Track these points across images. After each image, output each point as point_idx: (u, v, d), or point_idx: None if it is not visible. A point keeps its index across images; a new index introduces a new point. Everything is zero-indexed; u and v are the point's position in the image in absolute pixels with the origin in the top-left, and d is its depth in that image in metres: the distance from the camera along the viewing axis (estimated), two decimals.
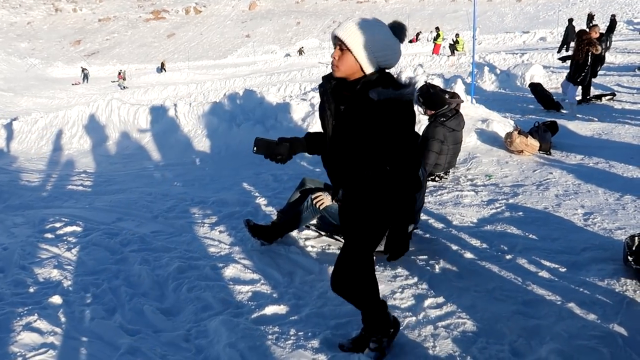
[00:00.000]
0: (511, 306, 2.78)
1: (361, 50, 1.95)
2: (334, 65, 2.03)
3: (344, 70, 2.00)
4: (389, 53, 2.00)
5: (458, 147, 5.30)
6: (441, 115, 5.07)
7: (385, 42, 1.99)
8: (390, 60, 2.02)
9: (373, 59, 1.97)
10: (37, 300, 2.98)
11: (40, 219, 4.58)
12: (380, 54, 1.97)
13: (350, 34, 1.96)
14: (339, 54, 2.00)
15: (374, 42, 1.96)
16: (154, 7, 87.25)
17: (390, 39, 2.00)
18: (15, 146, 10.29)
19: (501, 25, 48.89)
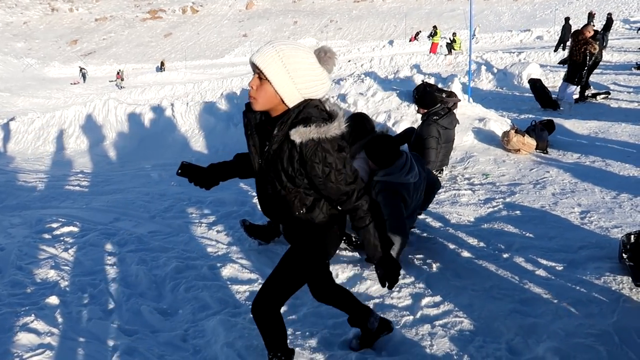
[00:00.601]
0: (508, 305, 2.78)
1: (282, 81, 1.74)
2: (251, 97, 1.81)
3: (263, 103, 1.80)
4: (315, 84, 1.79)
5: (450, 146, 5.31)
6: (434, 114, 5.05)
7: (310, 72, 1.77)
8: (316, 92, 1.81)
9: (296, 91, 1.76)
10: (34, 300, 2.97)
11: (37, 220, 4.57)
12: (304, 86, 1.77)
13: (270, 62, 1.74)
14: (257, 84, 1.78)
15: (297, 71, 1.74)
16: (150, 7, 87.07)
17: (316, 68, 1.79)
18: (12, 146, 10.26)
19: (498, 24, 48.99)
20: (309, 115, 1.76)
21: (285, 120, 1.78)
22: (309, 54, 1.79)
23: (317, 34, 65.12)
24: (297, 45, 1.80)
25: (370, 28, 66.70)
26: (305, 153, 1.74)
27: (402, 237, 3.24)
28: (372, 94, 7.61)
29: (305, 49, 1.80)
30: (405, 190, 3.29)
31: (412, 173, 3.31)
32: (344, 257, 3.54)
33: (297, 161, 1.78)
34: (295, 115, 1.77)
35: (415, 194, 3.43)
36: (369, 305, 2.86)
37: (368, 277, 3.16)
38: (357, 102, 7.42)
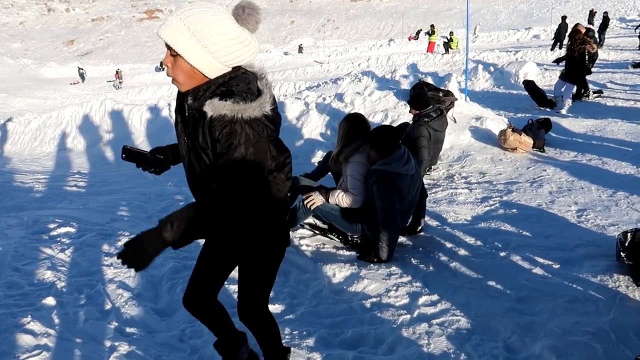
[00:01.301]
0: (505, 303, 2.79)
1: (195, 53, 1.55)
2: (171, 78, 1.64)
3: (184, 82, 1.61)
4: (236, 48, 1.59)
5: (439, 147, 5.31)
6: (425, 116, 5.04)
7: (226, 36, 1.56)
8: (240, 57, 1.61)
9: (214, 60, 1.57)
10: (31, 301, 2.96)
11: (34, 220, 4.56)
12: (222, 53, 1.57)
13: (176, 33, 1.54)
14: (172, 61, 1.60)
15: (209, 38, 1.54)
16: (147, 7, 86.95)
17: (232, 30, 1.57)
18: (9, 147, 10.23)
19: (495, 23, 49.09)
20: (230, 88, 1.57)
21: (204, 90, 1.60)
22: (220, 15, 1.57)
23: (315, 33, 65.14)
24: (205, 7, 1.57)
25: (368, 27, 66.76)
26: (212, 128, 1.55)
27: (392, 232, 3.33)
28: (369, 93, 7.62)
29: (215, 10, 1.57)
30: (402, 181, 3.36)
31: (409, 165, 3.40)
32: (341, 257, 3.54)
33: (205, 135, 1.59)
34: (217, 86, 1.59)
35: (412, 188, 3.47)
36: (365, 304, 2.87)
37: (365, 277, 3.16)
38: (354, 102, 7.42)
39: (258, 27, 1.65)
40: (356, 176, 3.52)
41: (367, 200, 3.51)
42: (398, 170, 3.33)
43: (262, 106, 1.57)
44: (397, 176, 3.33)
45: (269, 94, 1.62)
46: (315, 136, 7.16)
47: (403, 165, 3.36)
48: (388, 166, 3.33)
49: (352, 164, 3.53)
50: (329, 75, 23.44)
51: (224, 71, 1.61)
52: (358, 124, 3.60)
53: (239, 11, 1.59)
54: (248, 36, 1.62)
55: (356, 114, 3.79)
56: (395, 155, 3.36)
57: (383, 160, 3.36)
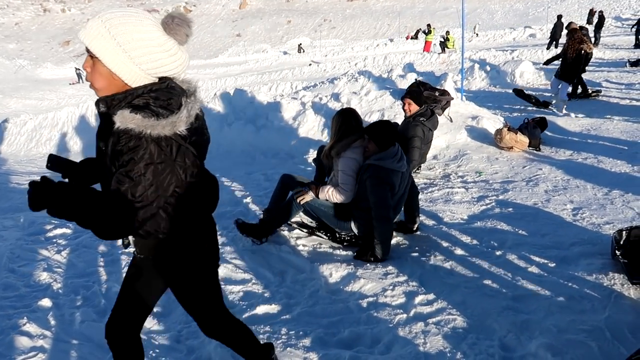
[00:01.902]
0: (501, 302, 2.80)
1: (114, 57, 1.45)
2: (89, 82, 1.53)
3: (102, 87, 1.50)
4: (160, 57, 1.49)
5: (429, 146, 5.30)
6: (421, 115, 5.02)
7: (149, 43, 1.47)
8: (165, 67, 1.52)
9: (135, 67, 1.47)
10: (27, 303, 2.97)
11: (30, 222, 4.55)
12: (143, 60, 1.47)
13: (96, 35, 1.44)
14: (91, 65, 1.50)
15: (130, 43, 1.45)
16: (143, 7, 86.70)
17: (156, 38, 1.48)
18: (4, 148, 10.21)
19: (491, 22, 49.19)
20: (147, 100, 1.46)
21: (119, 98, 1.48)
22: (144, 20, 1.48)
23: (311, 33, 65.12)
24: (130, 12, 1.49)
25: (364, 27, 66.80)
26: (118, 139, 1.43)
27: (387, 226, 3.37)
28: (365, 92, 7.63)
29: (140, 16, 1.49)
30: (395, 177, 3.42)
31: (402, 162, 3.46)
32: (338, 257, 3.54)
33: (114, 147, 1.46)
34: (135, 96, 1.48)
35: (402, 184, 3.53)
36: (362, 304, 2.87)
37: (362, 276, 3.16)
38: (351, 101, 7.42)
39: (187, 40, 1.56)
40: (347, 171, 3.52)
41: (357, 196, 3.53)
42: (392, 166, 3.38)
43: (175, 125, 1.44)
44: (391, 172, 3.38)
45: (186, 112, 1.48)
46: (312, 136, 7.16)
47: (397, 162, 3.41)
48: (382, 162, 3.37)
49: (344, 159, 3.53)
50: (326, 75, 23.44)
51: (147, 80, 1.52)
52: (351, 118, 3.61)
53: (168, 20, 1.53)
54: (174, 46, 1.52)
55: (349, 109, 3.80)
56: (390, 151, 3.42)
57: (378, 155, 3.40)
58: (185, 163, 1.49)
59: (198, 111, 1.57)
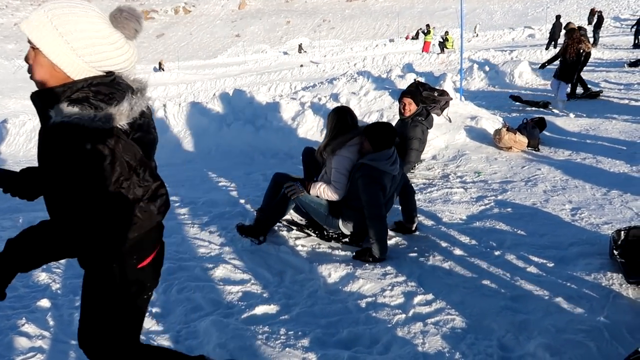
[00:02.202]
0: (500, 302, 2.80)
1: (56, 48, 1.39)
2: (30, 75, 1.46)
3: (41, 79, 1.43)
4: (105, 50, 1.43)
5: (424, 146, 5.33)
6: (419, 115, 5.08)
7: (94, 34, 1.41)
8: (110, 59, 1.45)
9: (78, 59, 1.41)
10: (25, 304, 2.96)
11: (29, 223, 4.53)
12: (87, 52, 1.41)
13: (38, 25, 1.39)
14: (32, 56, 1.43)
15: (73, 34, 1.38)
16: (142, 7, 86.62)
17: (102, 30, 1.42)
18: (3, 149, 10.19)
19: (490, 22, 49.22)
20: (87, 94, 1.39)
21: (59, 91, 1.40)
22: (90, 12, 1.42)
23: (310, 33, 65.14)
24: (75, 2, 1.42)
25: (363, 27, 66.83)
26: (53, 134, 1.36)
27: (381, 224, 3.39)
28: (364, 93, 7.63)
29: (86, 8, 1.43)
30: (387, 179, 3.46)
31: (395, 166, 3.50)
32: (337, 257, 3.54)
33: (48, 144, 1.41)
34: (75, 90, 1.40)
35: (392, 187, 3.58)
36: (361, 304, 2.87)
37: (361, 276, 3.16)
38: (350, 102, 7.43)
39: (137, 35, 1.51)
40: (341, 169, 3.55)
41: (348, 195, 3.56)
42: (385, 168, 3.42)
43: (114, 118, 1.37)
44: (383, 174, 3.43)
45: (128, 106, 1.41)
46: (311, 136, 7.16)
47: (390, 164, 3.45)
48: (376, 162, 3.41)
49: (338, 157, 3.56)
50: (325, 75, 23.45)
51: (91, 74, 1.45)
52: (347, 116, 3.66)
53: (116, 14, 1.48)
54: (121, 39, 1.46)
55: (344, 107, 3.83)
56: (385, 153, 3.45)
57: (372, 155, 3.44)
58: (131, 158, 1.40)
59: (144, 108, 1.52)
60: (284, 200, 3.66)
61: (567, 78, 8.74)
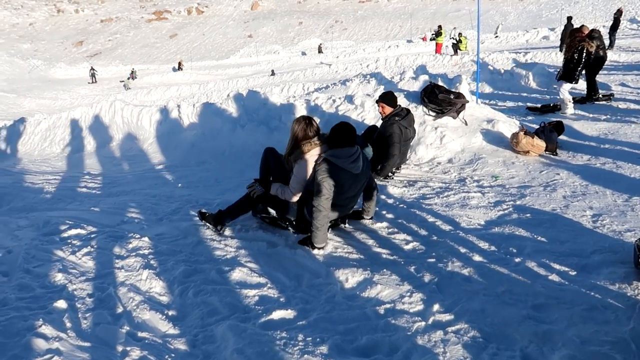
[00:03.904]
0: (521, 310, 2.74)
1: None
2: None
3: None
4: None
5: (408, 144, 5.63)
6: (396, 115, 5.37)
7: None
8: None
9: None
10: (42, 304, 2.95)
11: (45, 222, 4.56)
12: None
13: None
14: None
15: None
16: (156, 8, 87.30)
17: None
18: (19, 147, 10.29)
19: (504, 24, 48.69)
20: None
21: None
22: None
23: (322, 34, 65.12)
24: None
25: (376, 28, 66.67)
26: None
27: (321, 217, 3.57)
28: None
29: None
30: (345, 176, 3.62)
31: (356, 164, 3.65)
32: (353, 261, 3.50)
33: None
34: None
35: (354, 186, 3.75)
36: (379, 310, 2.83)
37: (378, 282, 3.12)
38: (365, 103, 7.38)
39: None
40: (298, 177, 3.79)
41: (309, 187, 3.76)
42: (344, 165, 3.59)
43: None
44: (341, 170, 3.59)
45: None
46: None
47: (350, 162, 3.61)
48: (336, 159, 3.59)
49: (297, 166, 3.79)
50: (337, 76, 23.40)
51: None
52: (307, 126, 3.83)
53: None
54: None
55: (306, 116, 3.98)
56: (347, 151, 3.62)
57: (334, 151, 3.63)
58: None
59: None
60: (247, 198, 4.01)
61: (568, 77, 8.54)
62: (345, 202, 3.78)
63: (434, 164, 6.02)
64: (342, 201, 3.75)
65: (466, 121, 6.70)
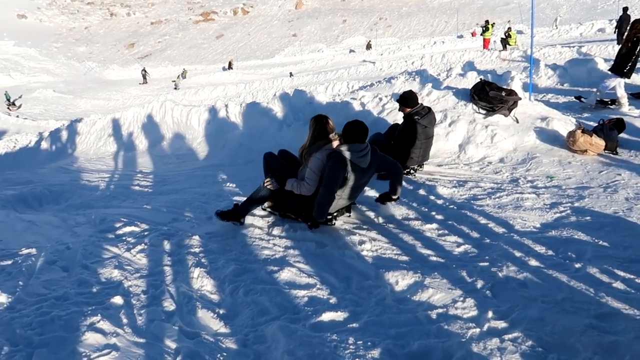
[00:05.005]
0: (584, 319, 2.60)
1: None
2: None
3: None
4: None
5: (430, 142, 5.64)
6: (415, 114, 5.43)
7: None
8: None
9: None
10: (100, 300, 3.05)
11: (101, 219, 4.73)
12: None
13: None
14: None
15: None
16: (203, 9, 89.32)
17: None
18: (76, 147, 10.76)
19: (562, 16, 46.68)
20: None
21: None
22: None
23: (367, 31, 64.76)
24: None
25: (421, 25, 65.64)
26: None
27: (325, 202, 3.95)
28: (427, 93, 7.42)
29: None
30: (354, 169, 3.91)
31: (364, 160, 3.93)
32: (403, 263, 3.43)
33: None
34: None
35: (360, 178, 4.02)
36: (431, 315, 2.76)
37: (430, 285, 3.04)
38: None
39: None
40: (314, 169, 3.98)
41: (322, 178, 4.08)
42: (353, 159, 3.87)
43: None
44: (351, 163, 3.88)
45: None
46: None
47: (359, 157, 3.90)
48: (347, 153, 3.87)
49: (314, 159, 4.00)
50: (382, 74, 23.20)
51: None
52: (324, 124, 4.12)
53: None
54: None
55: (323, 115, 4.24)
56: (357, 147, 3.90)
57: (346, 146, 3.91)
58: None
59: None
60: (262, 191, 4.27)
61: (621, 71, 8.02)
62: (350, 192, 4.07)
63: (485, 163, 5.85)
64: (348, 191, 4.04)
65: (517, 119, 6.47)
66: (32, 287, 3.27)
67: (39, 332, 2.66)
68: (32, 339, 2.60)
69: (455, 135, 6.42)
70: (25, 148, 11.70)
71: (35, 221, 4.91)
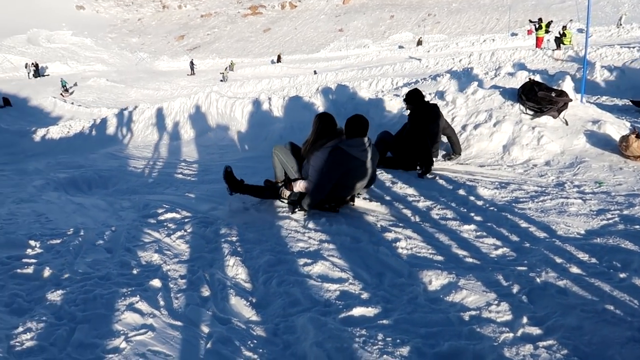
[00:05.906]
0: (626, 331, 2.49)
1: None
2: None
3: None
4: None
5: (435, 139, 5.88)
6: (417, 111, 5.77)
7: None
8: None
9: None
10: (140, 282, 3.17)
11: (144, 204, 4.90)
12: None
13: None
14: None
15: None
16: (251, 3, 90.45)
17: None
18: (126, 134, 11.16)
19: (616, 16, 44.65)
20: None
21: None
22: None
23: (414, 28, 63.86)
24: None
25: (470, 22, 64.12)
26: None
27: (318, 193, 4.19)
28: (472, 91, 7.26)
29: None
30: (356, 163, 4.14)
31: (366, 153, 4.16)
32: (437, 263, 3.39)
33: None
34: None
35: (361, 172, 4.22)
36: (464, 316, 2.71)
37: (464, 287, 2.99)
38: (456, 100, 7.11)
39: None
40: (316, 167, 4.18)
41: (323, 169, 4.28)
42: (355, 153, 4.10)
43: None
44: (353, 158, 4.10)
45: None
46: None
47: (361, 151, 4.12)
48: (349, 148, 4.08)
49: (316, 157, 4.18)
50: (428, 71, 22.86)
51: None
52: (328, 122, 4.30)
53: None
54: None
55: (326, 114, 4.41)
56: (359, 141, 4.12)
57: (349, 141, 4.12)
58: None
59: None
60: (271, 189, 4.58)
61: None
62: (352, 184, 4.27)
63: (530, 165, 5.67)
64: (350, 183, 4.25)
65: (567, 121, 6.24)
66: (77, 265, 3.44)
67: (82, 309, 2.80)
68: (75, 314, 2.74)
69: (499, 135, 6.25)
70: (78, 134, 12.25)
71: (84, 204, 5.15)
